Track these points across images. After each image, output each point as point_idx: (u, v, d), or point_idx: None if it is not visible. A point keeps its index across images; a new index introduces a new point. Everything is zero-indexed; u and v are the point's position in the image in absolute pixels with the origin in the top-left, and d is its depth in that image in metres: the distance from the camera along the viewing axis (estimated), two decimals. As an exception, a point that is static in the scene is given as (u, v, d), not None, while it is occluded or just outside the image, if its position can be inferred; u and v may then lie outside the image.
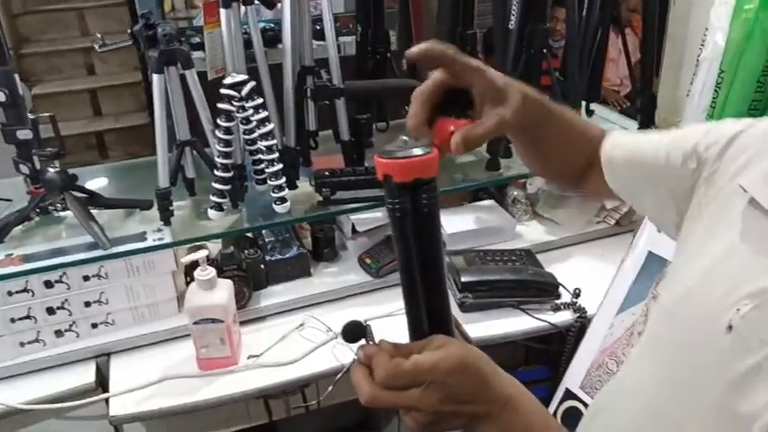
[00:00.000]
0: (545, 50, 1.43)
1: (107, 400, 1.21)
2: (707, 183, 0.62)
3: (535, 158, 0.72)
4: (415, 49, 0.58)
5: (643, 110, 1.57)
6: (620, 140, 0.73)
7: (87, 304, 1.27)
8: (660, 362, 0.60)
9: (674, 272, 0.65)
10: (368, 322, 0.63)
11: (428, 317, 0.60)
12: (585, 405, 1.31)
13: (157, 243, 1.25)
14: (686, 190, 0.64)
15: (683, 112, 1.41)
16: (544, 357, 1.55)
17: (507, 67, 1.42)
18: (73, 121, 3.85)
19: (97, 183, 1.52)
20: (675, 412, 0.56)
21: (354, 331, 0.62)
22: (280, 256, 1.43)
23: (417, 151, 0.54)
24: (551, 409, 1.36)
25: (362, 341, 0.61)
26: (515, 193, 1.64)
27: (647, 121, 1.59)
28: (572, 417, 1.33)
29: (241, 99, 1.23)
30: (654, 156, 0.68)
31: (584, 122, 0.76)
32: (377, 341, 0.59)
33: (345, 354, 1.28)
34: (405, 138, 0.57)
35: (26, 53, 3.77)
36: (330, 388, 1.29)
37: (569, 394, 1.34)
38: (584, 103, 1.59)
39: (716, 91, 1.25)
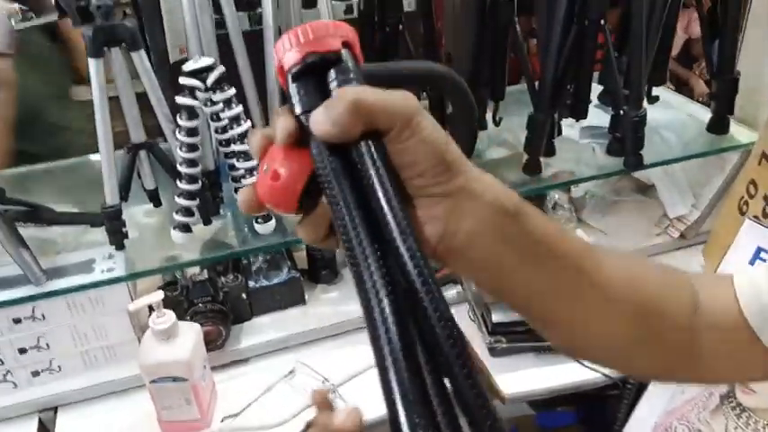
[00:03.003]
0: (603, 21, 1.11)
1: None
2: None
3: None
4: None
5: (720, 96, 1.25)
6: (757, 277, 0.48)
7: (22, 351, 1.01)
8: None
9: None
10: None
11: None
12: (645, 476, 1.05)
13: (106, 277, 0.99)
14: None
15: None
16: (591, 399, 1.28)
17: (554, 37, 1.11)
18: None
19: (45, 187, 1.26)
20: None
21: None
22: (267, 282, 1.16)
23: None
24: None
25: None
26: (557, 196, 1.34)
27: (723, 110, 1.27)
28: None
29: (207, 90, 0.94)
30: None
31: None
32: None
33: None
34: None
35: None
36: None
37: (625, 462, 1.08)
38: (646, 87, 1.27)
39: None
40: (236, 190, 1.11)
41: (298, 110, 0.37)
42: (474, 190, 0.38)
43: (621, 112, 1.16)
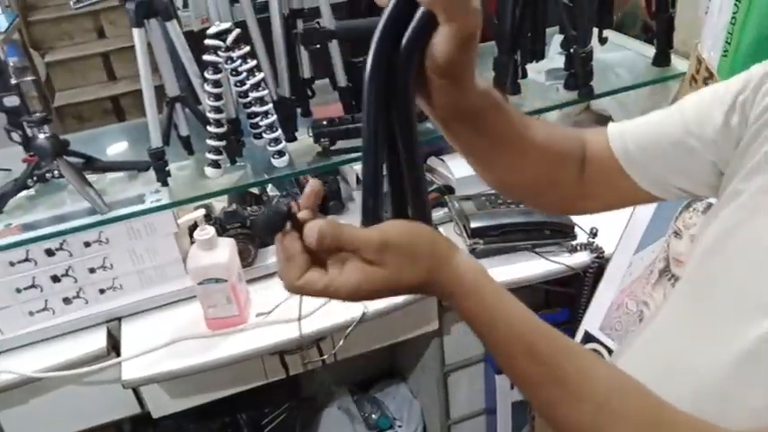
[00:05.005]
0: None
1: (120, 365, 1.21)
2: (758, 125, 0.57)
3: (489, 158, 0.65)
4: None
5: (660, 33, 1.47)
6: (626, 130, 0.67)
7: (92, 270, 1.25)
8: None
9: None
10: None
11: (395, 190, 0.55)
12: (606, 347, 1.27)
13: (155, 205, 1.22)
14: (730, 148, 0.60)
15: (702, 30, 1.31)
16: (564, 300, 1.50)
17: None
18: (88, 87, 3.84)
19: (101, 146, 1.50)
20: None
21: (278, 220, 0.52)
22: (284, 211, 1.39)
23: None
24: (571, 352, 1.32)
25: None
26: (527, 130, 1.56)
27: (664, 46, 1.48)
28: (592, 359, 1.29)
29: (227, 49, 1.17)
30: (682, 130, 0.63)
31: (547, 122, 0.73)
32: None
33: (352, 307, 1.25)
34: None
35: (35, 20, 3.73)
36: (341, 342, 1.27)
37: (589, 337, 1.30)
38: (596, 30, 1.48)
39: (736, 5, 1.14)
40: (254, 137, 1.34)
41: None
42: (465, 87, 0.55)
43: (572, 50, 1.38)
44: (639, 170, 0.66)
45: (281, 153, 1.28)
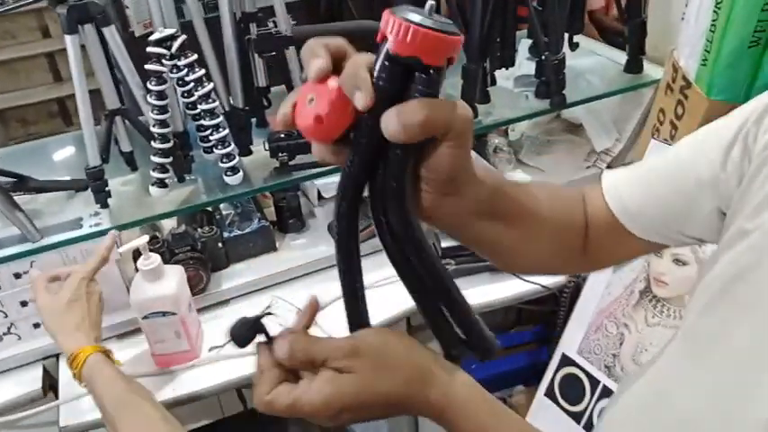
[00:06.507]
0: (521, -23, 1.26)
1: (57, 408, 1.09)
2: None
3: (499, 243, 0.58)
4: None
5: (632, 38, 1.41)
6: (619, 181, 0.62)
7: (24, 303, 1.13)
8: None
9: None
10: (265, 313, 0.53)
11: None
12: (584, 371, 1.21)
13: (94, 230, 1.11)
14: (732, 186, 0.54)
15: (678, 37, 1.25)
16: (538, 317, 1.43)
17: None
18: (32, 89, 3.64)
19: (38, 160, 1.37)
20: None
21: (246, 332, 0.51)
22: (239, 232, 1.29)
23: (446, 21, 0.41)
24: (548, 377, 1.26)
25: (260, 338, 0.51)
26: (496, 140, 1.49)
27: (637, 52, 1.42)
28: (570, 384, 1.23)
29: (172, 57, 1.07)
30: (678, 173, 0.57)
31: (547, 185, 0.67)
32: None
33: (319, 335, 1.15)
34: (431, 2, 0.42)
35: (-29, 20, 3.52)
36: (303, 374, 1.17)
37: (566, 360, 1.23)
38: (566, 35, 1.42)
39: (715, 12, 1.09)
40: (204, 151, 1.23)
41: (375, 75, 0.42)
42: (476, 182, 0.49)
43: (544, 57, 1.31)
44: (637, 222, 0.60)
45: (234, 169, 1.17)
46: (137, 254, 1.15)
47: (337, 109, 0.42)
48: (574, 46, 1.40)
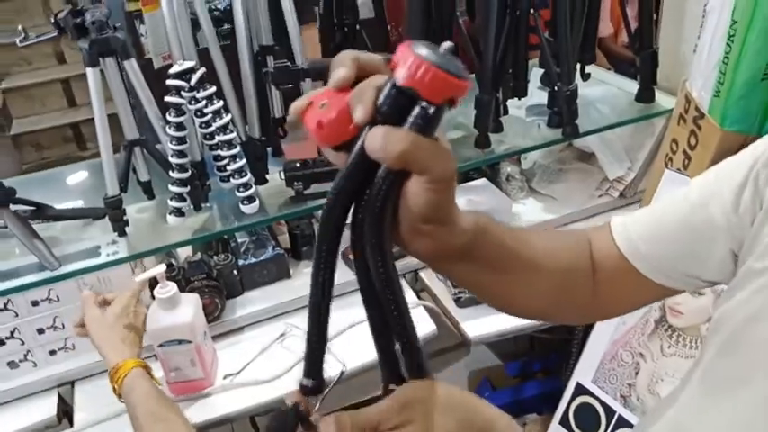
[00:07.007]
0: (532, 10, 1.27)
1: (72, 435, 1.09)
2: None
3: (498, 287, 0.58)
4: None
5: (644, 68, 1.42)
6: (630, 224, 0.61)
7: (41, 331, 1.14)
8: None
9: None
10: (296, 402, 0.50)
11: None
12: (599, 400, 1.20)
13: (111, 258, 1.12)
14: (744, 226, 0.55)
15: (690, 68, 1.26)
16: (550, 346, 1.43)
17: (492, 26, 1.27)
18: (47, 114, 3.69)
19: (55, 187, 1.39)
20: None
21: (284, 425, 0.48)
22: (254, 260, 1.30)
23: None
24: (562, 405, 1.25)
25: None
26: (509, 169, 1.50)
27: (648, 82, 1.44)
28: (585, 413, 1.22)
29: (191, 89, 1.08)
30: (689, 215, 0.57)
31: (546, 232, 0.66)
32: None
33: (332, 364, 1.15)
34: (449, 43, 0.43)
35: (-11, 46, 3.58)
36: (318, 404, 1.17)
37: (581, 389, 1.23)
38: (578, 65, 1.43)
39: (728, 45, 1.10)
40: (221, 180, 1.25)
41: (380, 98, 0.43)
42: (453, 228, 0.49)
43: (556, 88, 1.32)
44: (650, 263, 0.59)
45: (250, 198, 1.18)
46: (153, 281, 1.17)
47: (340, 120, 0.44)
48: (586, 76, 1.41)
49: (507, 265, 0.56)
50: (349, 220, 0.47)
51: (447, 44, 0.43)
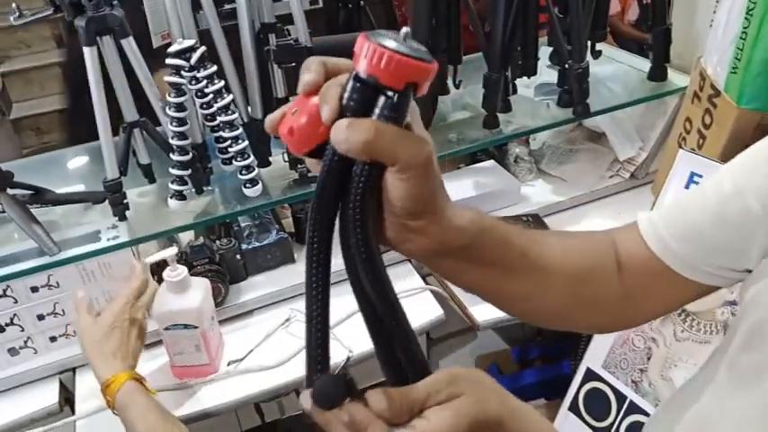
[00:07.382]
0: (543, -14, 1.23)
1: (74, 424, 1.07)
2: None
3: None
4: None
5: (657, 46, 1.38)
6: (657, 219, 0.59)
7: (41, 317, 1.12)
8: None
9: None
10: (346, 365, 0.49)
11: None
12: (609, 386, 1.18)
13: (112, 243, 1.09)
14: None
15: (704, 44, 1.23)
16: (559, 332, 1.41)
17: (500, 2, 1.23)
18: (46, 98, 3.66)
19: (55, 171, 1.36)
20: None
21: (336, 390, 0.43)
22: (258, 244, 1.27)
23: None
24: (572, 391, 1.23)
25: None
26: (517, 150, 1.47)
27: (661, 60, 1.40)
28: (595, 399, 1.20)
29: (191, 69, 1.05)
30: (721, 204, 0.55)
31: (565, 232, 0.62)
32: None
33: (338, 351, 1.13)
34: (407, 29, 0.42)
35: (-13, 30, 3.54)
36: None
37: (591, 374, 1.20)
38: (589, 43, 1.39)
39: (746, 20, 1.06)
40: (223, 162, 1.22)
41: (344, 97, 0.42)
42: (445, 224, 0.47)
43: (567, 66, 1.28)
44: (683, 262, 0.56)
45: (253, 181, 1.16)
46: (156, 268, 1.14)
47: (310, 123, 0.43)
48: (596, 54, 1.38)
49: (514, 265, 0.54)
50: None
51: (405, 29, 0.42)
